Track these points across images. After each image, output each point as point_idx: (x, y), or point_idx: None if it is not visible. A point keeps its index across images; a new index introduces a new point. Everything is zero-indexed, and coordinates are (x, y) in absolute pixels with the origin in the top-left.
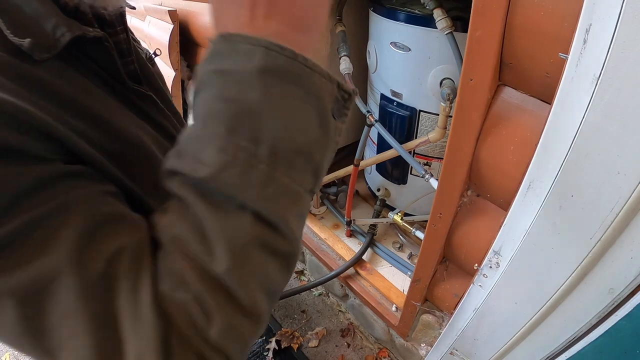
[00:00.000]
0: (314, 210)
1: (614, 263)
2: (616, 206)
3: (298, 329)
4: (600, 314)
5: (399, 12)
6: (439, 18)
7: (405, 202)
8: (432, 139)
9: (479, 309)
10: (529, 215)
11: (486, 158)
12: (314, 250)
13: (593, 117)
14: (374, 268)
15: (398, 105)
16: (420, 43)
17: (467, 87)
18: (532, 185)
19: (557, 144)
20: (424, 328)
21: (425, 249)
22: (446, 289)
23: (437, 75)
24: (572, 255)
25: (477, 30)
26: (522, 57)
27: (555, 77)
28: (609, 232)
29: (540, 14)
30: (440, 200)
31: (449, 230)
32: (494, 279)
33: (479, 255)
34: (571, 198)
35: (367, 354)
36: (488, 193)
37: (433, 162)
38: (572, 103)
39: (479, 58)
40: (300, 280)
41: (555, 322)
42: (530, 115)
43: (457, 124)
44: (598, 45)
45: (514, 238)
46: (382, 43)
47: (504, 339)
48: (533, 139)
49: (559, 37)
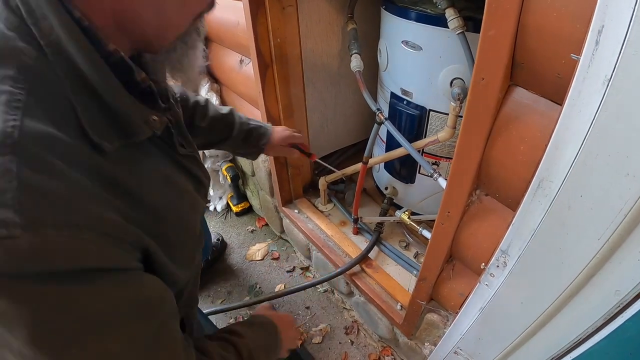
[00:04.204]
0: (322, 207)
1: (621, 264)
2: (625, 207)
3: (302, 325)
4: (606, 316)
5: (410, 10)
6: (450, 18)
7: (412, 201)
8: (441, 138)
9: (484, 308)
10: (538, 215)
11: (496, 157)
12: (321, 247)
13: (604, 119)
14: (379, 266)
15: (408, 104)
16: (431, 42)
17: (478, 87)
18: (541, 185)
19: (567, 145)
20: (428, 327)
21: (433, 247)
22: (452, 288)
23: (448, 75)
24: (580, 255)
25: (490, 29)
26: (534, 58)
27: (566, 78)
28: (617, 233)
29: (553, 15)
30: (448, 199)
31: (457, 229)
32: (500, 278)
33: (486, 255)
34: (580, 198)
35: (370, 352)
36: (497, 192)
37: (442, 161)
38: (583, 104)
39: (491, 58)
40: (305, 276)
41: (560, 322)
42: (541, 115)
43: (468, 123)
44: (610, 47)
45: (522, 237)
46: (393, 41)
47: (509, 339)
48: (543, 140)
49: (572, 38)
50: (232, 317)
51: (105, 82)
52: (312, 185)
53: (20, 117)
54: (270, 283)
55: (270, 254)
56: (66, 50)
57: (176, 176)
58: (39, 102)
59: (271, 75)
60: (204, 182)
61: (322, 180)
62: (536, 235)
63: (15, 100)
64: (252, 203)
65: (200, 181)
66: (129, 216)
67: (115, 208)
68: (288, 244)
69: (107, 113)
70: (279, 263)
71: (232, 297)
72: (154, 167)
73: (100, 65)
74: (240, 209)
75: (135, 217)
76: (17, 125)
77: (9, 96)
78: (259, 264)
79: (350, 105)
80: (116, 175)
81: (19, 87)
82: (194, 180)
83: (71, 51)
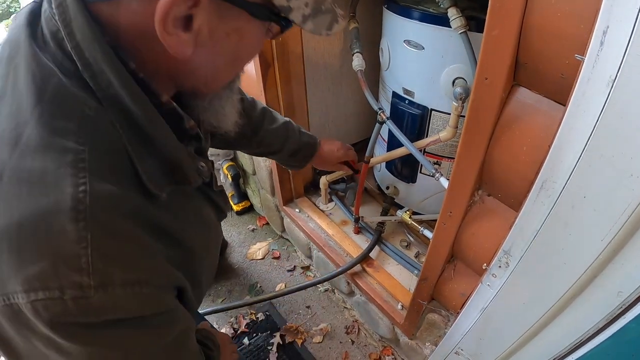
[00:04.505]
0: (323, 207)
1: (624, 266)
2: (628, 208)
3: (302, 324)
4: (608, 317)
5: (413, 10)
6: (453, 17)
7: (414, 200)
8: (443, 138)
9: (486, 308)
10: (541, 216)
11: (498, 158)
12: (322, 246)
13: (608, 119)
14: (380, 266)
15: (410, 104)
16: (433, 42)
17: (481, 87)
18: (544, 186)
19: (571, 145)
20: (429, 327)
21: (434, 247)
22: (453, 288)
23: (450, 74)
24: (583, 256)
25: (493, 29)
26: (538, 58)
27: (570, 79)
28: (621, 235)
29: (557, 15)
30: (450, 199)
31: (459, 229)
32: (502, 278)
33: (488, 255)
34: (584, 199)
35: (371, 352)
36: (499, 193)
37: (443, 161)
38: (588, 104)
39: (495, 57)
40: (306, 276)
41: (562, 324)
42: (544, 116)
43: (470, 122)
44: (615, 47)
45: (525, 238)
46: (395, 41)
47: (510, 340)
48: (546, 140)
49: (576, 38)
50: (233, 316)
51: (160, 132)
52: (313, 184)
53: (87, 180)
54: (271, 282)
55: (271, 253)
56: (122, 101)
57: (207, 211)
58: (101, 158)
59: (272, 74)
60: (225, 211)
61: (323, 179)
62: (539, 236)
63: (80, 160)
64: (253, 202)
65: (222, 211)
66: (173, 259)
67: (165, 256)
68: (289, 243)
69: (161, 162)
70: (279, 262)
71: (233, 296)
72: (193, 210)
73: (156, 117)
74: (241, 207)
75: (176, 259)
76: (86, 190)
77: (74, 155)
78: (259, 263)
79: (351, 104)
80: (164, 222)
81: (81, 143)
82: (218, 211)
83: (127, 103)
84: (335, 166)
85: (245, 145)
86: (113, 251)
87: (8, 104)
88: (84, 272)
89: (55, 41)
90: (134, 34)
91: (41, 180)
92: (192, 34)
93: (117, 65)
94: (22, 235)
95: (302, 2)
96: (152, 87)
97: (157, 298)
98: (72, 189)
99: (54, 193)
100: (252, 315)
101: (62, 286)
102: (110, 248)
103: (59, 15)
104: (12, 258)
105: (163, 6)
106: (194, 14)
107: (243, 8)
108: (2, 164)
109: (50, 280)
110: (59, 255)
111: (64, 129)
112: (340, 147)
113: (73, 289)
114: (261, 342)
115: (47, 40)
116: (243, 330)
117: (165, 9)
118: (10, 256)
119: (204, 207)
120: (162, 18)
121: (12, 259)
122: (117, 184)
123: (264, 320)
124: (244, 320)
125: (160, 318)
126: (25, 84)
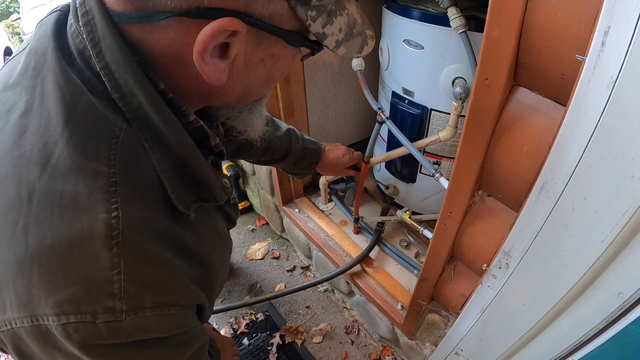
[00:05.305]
0: (322, 207)
1: (625, 267)
2: (629, 210)
3: (302, 324)
4: (608, 318)
5: (412, 9)
6: (453, 17)
7: (413, 200)
8: (442, 138)
9: (486, 309)
10: (541, 217)
11: (499, 158)
12: (321, 246)
13: (609, 120)
14: (380, 266)
15: (409, 103)
16: (433, 41)
17: (481, 87)
18: (545, 187)
19: (571, 146)
20: (429, 327)
21: (434, 247)
22: (453, 288)
23: (450, 74)
24: (583, 258)
25: (494, 29)
26: (538, 58)
27: (571, 79)
28: (621, 236)
29: (558, 15)
30: (450, 200)
31: (458, 229)
32: (502, 279)
33: (488, 256)
34: (584, 200)
35: (370, 352)
36: (499, 193)
37: (443, 161)
38: (588, 105)
39: (495, 57)
40: (306, 276)
41: (562, 325)
42: (544, 116)
43: (471, 123)
44: (616, 48)
45: (525, 239)
46: (394, 40)
47: (510, 341)
48: (547, 141)
49: (577, 38)
50: (232, 317)
51: (190, 153)
52: (312, 184)
53: (119, 205)
54: (271, 282)
55: (270, 253)
56: (152, 123)
57: (221, 224)
58: (131, 181)
59: None
60: (235, 222)
61: (322, 179)
62: (539, 237)
63: (112, 184)
64: (253, 202)
65: (233, 222)
66: (195, 278)
67: (189, 274)
68: (288, 243)
69: (189, 182)
70: (279, 262)
71: (232, 296)
72: (211, 225)
73: (186, 138)
74: (240, 207)
75: (198, 277)
76: (119, 216)
77: (106, 179)
78: (259, 263)
79: (351, 104)
80: (189, 242)
81: (112, 165)
82: (229, 221)
83: (157, 124)
84: (342, 172)
85: (252, 155)
86: (144, 276)
87: (36, 119)
88: (116, 298)
89: (82, 58)
90: (168, 59)
91: (73, 204)
92: (228, 61)
93: (148, 88)
94: (55, 259)
95: (336, 29)
96: (181, 107)
97: (182, 318)
98: (105, 215)
99: (87, 218)
100: (252, 316)
101: (95, 311)
102: (141, 273)
103: (87, 33)
104: (44, 281)
105: (204, 37)
106: (231, 42)
107: (279, 36)
108: (32, 185)
109: (82, 304)
110: (91, 280)
111: (95, 151)
112: (346, 153)
113: (105, 314)
114: (261, 343)
115: (74, 56)
116: (243, 330)
117: (206, 40)
118: (41, 279)
119: (220, 221)
120: (202, 49)
121: (44, 282)
122: (147, 207)
123: (263, 320)
124: (244, 321)
125: (182, 336)
126: (53, 100)
